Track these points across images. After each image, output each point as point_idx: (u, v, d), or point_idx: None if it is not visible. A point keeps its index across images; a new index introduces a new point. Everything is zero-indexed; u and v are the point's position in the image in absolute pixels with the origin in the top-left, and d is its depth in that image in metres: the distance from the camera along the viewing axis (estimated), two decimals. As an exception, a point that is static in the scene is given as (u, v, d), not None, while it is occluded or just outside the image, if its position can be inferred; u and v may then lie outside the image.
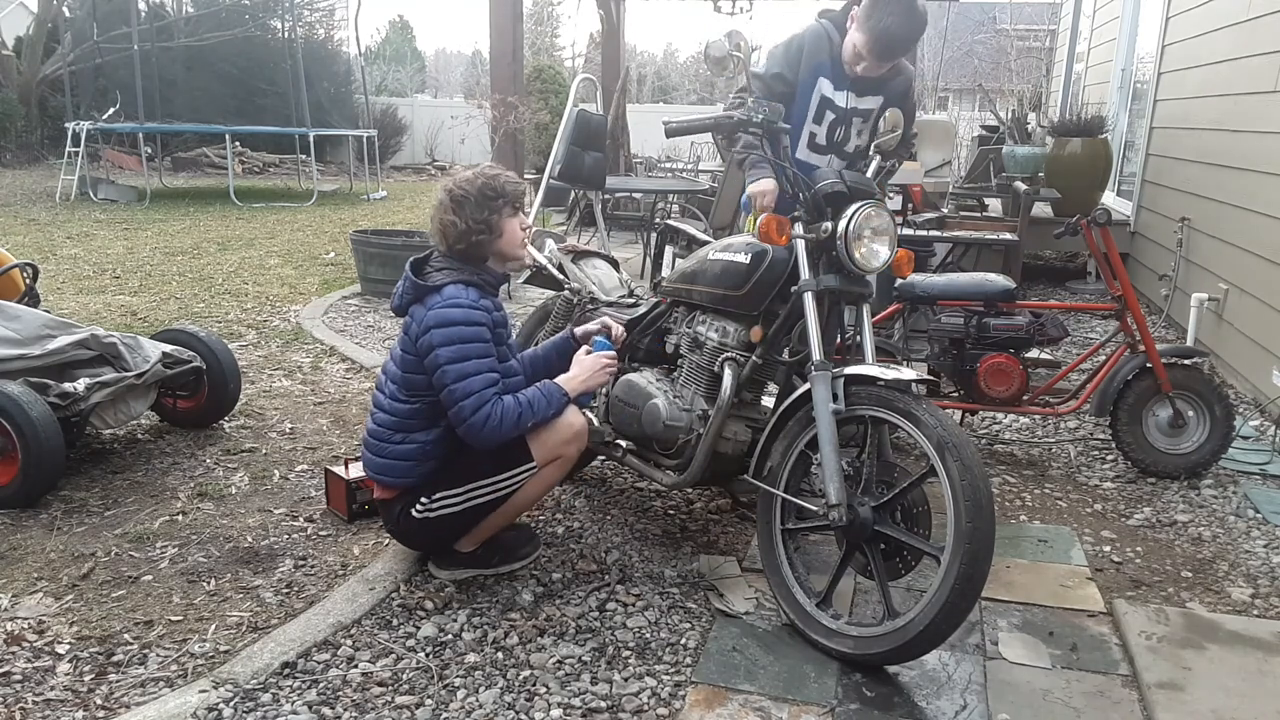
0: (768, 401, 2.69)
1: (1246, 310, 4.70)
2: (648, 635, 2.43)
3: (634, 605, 2.56)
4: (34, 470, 2.99)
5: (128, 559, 2.76)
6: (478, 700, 2.15)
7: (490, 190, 2.55)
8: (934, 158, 7.37)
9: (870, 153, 2.88)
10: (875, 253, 2.51)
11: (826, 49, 3.22)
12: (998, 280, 3.72)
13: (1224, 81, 5.38)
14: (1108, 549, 3.03)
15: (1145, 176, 7.02)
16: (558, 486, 3.32)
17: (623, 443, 2.99)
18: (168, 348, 3.65)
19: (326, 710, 2.09)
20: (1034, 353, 3.93)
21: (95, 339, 3.47)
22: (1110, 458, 3.80)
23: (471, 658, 2.31)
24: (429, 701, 2.13)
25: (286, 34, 14.88)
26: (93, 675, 2.20)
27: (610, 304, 3.26)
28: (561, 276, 3.37)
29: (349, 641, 2.35)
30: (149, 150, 14.57)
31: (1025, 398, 3.70)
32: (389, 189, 15.20)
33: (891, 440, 2.49)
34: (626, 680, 2.24)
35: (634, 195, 9.35)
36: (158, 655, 2.28)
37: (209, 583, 2.64)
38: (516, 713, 2.11)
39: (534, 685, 2.21)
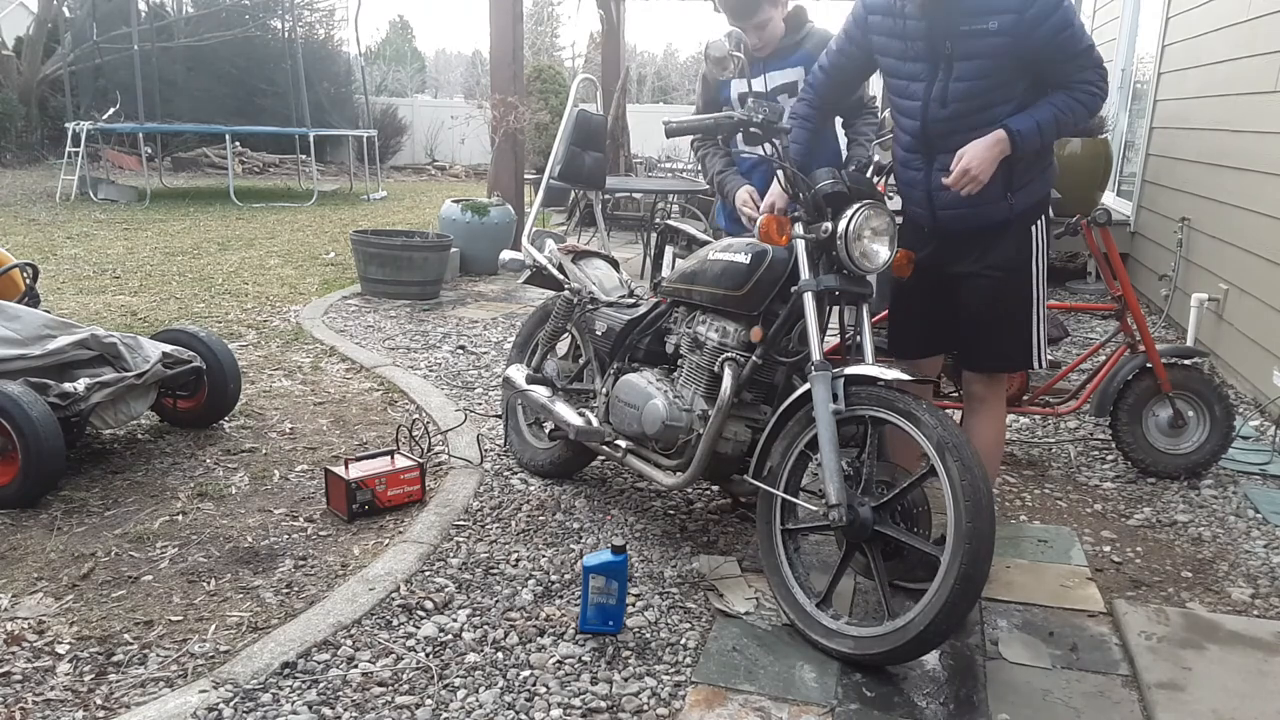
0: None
1: (1246, 310, 4.70)
2: (647, 635, 2.43)
3: (634, 605, 2.55)
4: (34, 470, 2.99)
5: (128, 559, 2.76)
6: (478, 700, 2.15)
7: None
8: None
9: (871, 153, 2.88)
10: (875, 253, 2.51)
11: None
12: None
13: (1224, 81, 5.38)
14: (1108, 549, 3.03)
15: (1145, 176, 7.02)
16: (557, 486, 3.33)
17: (623, 443, 2.99)
18: (168, 348, 3.65)
19: (326, 710, 2.09)
20: (1034, 353, 3.93)
21: (95, 339, 3.46)
22: (1110, 458, 3.80)
23: (471, 658, 2.31)
24: (429, 701, 2.13)
25: (286, 34, 14.89)
26: (93, 675, 2.20)
27: (610, 304, 3.26)
28: (561, 277, 3.38)
29: (349, 641, 2.35)
30: (149, 150, 14.59)
31: (1025, 398, 3.70)
32: (389, 189, 15.21)
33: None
34: (626, 680, 2.24)
35: (634, 195, 9.36)
36: (158, 655, 2.28)
37: (209, 583, 2.64)
38: (516, 713, 2.11)
39: (534, 685, 2.21)
